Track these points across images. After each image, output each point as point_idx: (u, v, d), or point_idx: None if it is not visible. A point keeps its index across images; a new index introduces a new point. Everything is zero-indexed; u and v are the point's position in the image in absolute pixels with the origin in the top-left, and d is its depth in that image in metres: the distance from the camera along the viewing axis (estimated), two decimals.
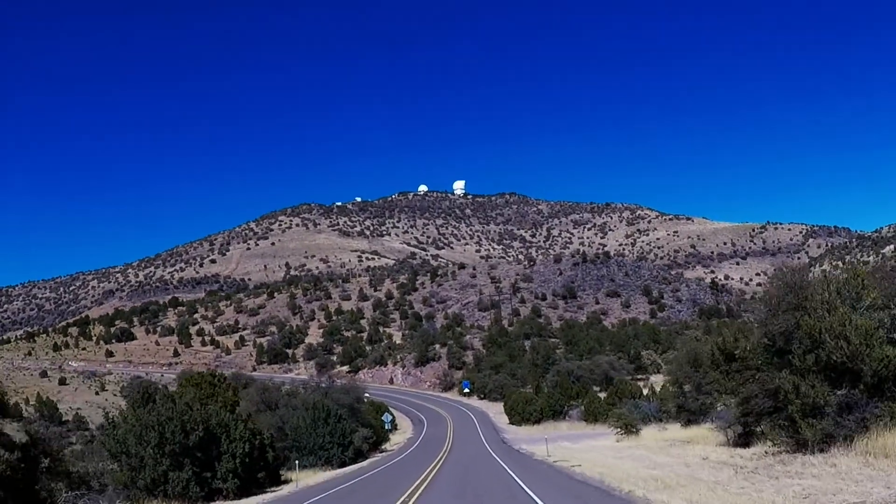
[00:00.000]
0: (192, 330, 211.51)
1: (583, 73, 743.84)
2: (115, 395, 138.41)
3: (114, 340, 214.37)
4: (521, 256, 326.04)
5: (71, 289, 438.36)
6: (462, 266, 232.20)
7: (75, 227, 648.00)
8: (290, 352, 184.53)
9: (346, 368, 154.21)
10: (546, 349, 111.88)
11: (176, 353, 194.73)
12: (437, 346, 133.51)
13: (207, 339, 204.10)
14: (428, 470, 35.19)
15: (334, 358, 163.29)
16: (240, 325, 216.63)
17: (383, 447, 63.12)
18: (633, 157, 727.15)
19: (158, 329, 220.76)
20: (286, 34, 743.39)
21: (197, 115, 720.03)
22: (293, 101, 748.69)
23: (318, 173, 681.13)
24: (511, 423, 75.63)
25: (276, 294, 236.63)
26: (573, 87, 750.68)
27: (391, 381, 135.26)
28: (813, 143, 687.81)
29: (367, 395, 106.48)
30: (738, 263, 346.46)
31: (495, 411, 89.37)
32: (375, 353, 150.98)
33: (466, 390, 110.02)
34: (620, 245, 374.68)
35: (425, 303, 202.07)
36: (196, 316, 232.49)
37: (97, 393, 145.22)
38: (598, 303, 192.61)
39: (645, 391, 73.79)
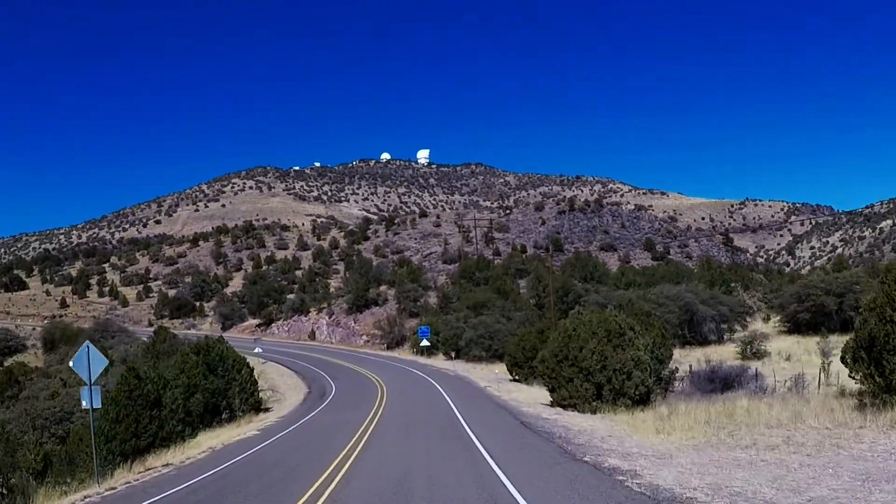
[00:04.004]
0: (95, 280, 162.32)
1: (552, 45, 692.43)
2: None
3: (2, 290, 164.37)
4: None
5: (12, 250, 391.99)
6: (424, 214, 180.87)
7: (23, 189, 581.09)
8: (200, 304, 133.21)
9: (256, 321, 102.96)
10: (558, 280, 61.64)
11: (64, 304, 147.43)
12: (384, 287, 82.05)
13: (107, 289, 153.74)
14: None
15: (245, 309, 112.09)
16: (151, 275, 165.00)
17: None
18: (604, 132, 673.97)
19: (56, 278, 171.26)
20: None
21: (156, 77, 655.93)
22: (254, 68, 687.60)
23: (279, 140, 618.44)
24: (558, 403, 24.66)
25: (201, 242, 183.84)
26: (540, 60, 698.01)
27: (312, 336, 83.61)
28: (791, 122, 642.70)
29: (258, 349, 59.75)
30: None
31: (489, 378, 38.98)
32: (295, 299, 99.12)
33: (425, 342, 57.94)
34: None
35: (377, 252, 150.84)
36: (105, 265, 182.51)
37: None
38: (590, 257, 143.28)
39: None
